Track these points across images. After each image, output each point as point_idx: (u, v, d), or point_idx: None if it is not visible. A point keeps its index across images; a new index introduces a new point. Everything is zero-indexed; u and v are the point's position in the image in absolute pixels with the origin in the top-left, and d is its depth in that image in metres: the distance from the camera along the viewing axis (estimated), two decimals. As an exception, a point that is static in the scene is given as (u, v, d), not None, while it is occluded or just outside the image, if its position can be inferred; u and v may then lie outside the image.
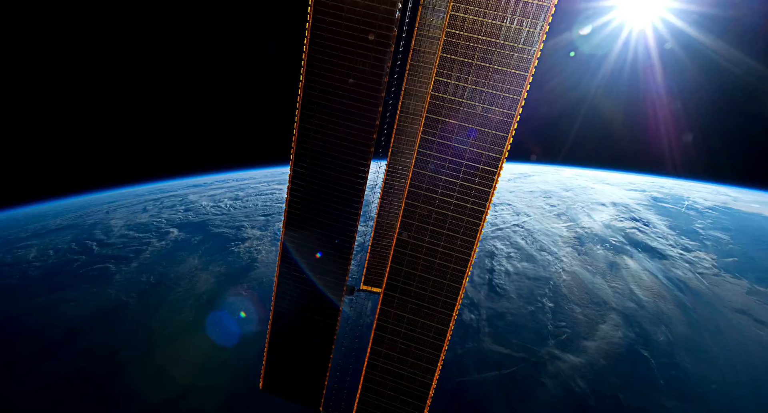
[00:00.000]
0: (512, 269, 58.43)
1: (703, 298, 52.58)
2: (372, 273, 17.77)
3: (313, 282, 14.58)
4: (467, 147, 11.27)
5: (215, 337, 46.40)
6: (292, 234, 14.20)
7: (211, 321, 49.10)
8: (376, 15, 11.28)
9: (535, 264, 59.86)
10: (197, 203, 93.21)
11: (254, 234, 73.47)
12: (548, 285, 54.93)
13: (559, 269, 58.55)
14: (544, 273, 57.44)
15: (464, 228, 11.90)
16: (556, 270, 58.22)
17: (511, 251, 63.13)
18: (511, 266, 59.13)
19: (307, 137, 12.96)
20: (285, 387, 16.38)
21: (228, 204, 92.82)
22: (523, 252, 62.87)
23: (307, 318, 15.13)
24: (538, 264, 59.86)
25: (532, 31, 10.15)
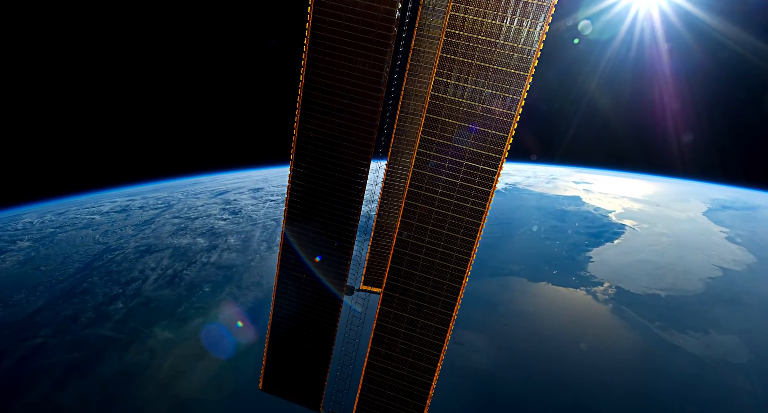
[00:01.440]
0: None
1: None
2: (372, 273, 17.76)
3: (315, 281, 14.58)
4: (467, 147, 11.27)
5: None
6: (291, 234, 14.20)
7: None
8: (376, 15, 11.27)
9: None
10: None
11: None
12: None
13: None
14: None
15: (464, 228, 11.90)
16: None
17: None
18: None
19: (307, 137, 12.96)
20: (285, 387, 16.38)
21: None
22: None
23: (307, 318, 15.13)
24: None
25: (532, 31, 10.15)
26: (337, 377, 15.58)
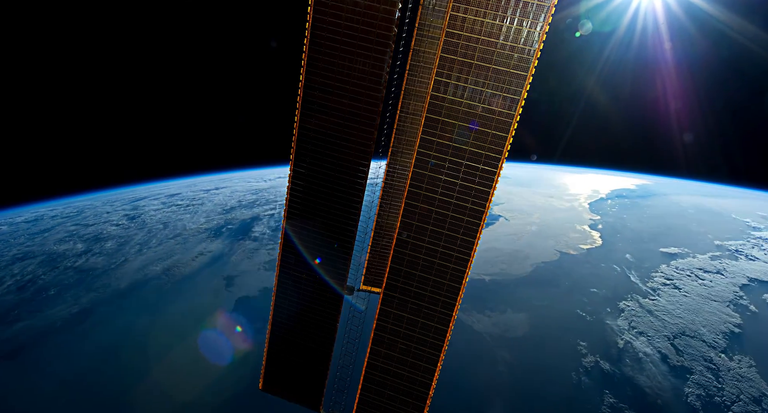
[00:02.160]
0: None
1: None
2: (372, 273, 17.76)
3: (314, 281, 14.58)
4: (467, 147, 11.27)
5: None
6: (291, 234, 14.20)
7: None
8: (376, 15, 11.27)
9: None
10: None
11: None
12: None
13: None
14: None
15: (464, 228, 11.90)
16: None
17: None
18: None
19: (307, 137, 12.96)
20: (285, 388, 16.38)
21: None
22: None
23: (307, 318, 15.13)
24: None
25: (532, 31, 10.15)
26: (337, 377, 15.58)
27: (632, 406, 40.98)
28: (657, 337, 50.23)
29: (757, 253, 68.95)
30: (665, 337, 50.07)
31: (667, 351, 47.97)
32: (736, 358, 46.69)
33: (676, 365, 46.21)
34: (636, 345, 49.06)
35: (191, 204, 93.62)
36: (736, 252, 69.50)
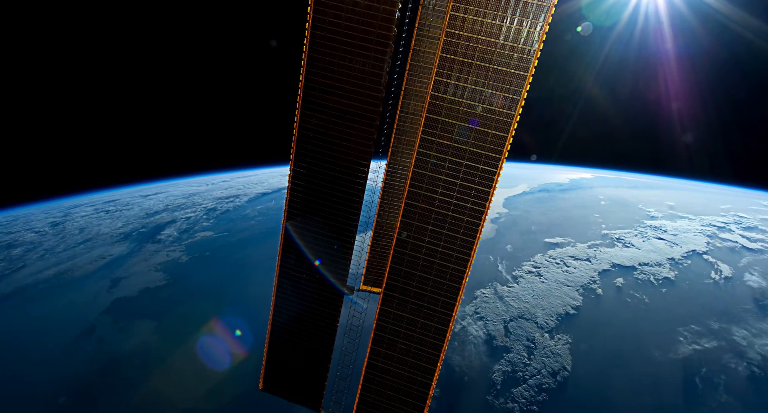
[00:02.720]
0: None
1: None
2: (372, 273, 17.76)
3: (314, 281, 14.58)
4: (467, 147, 11.27)
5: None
6: (291, 234, 14.20)
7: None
8: (376, 15, 11.28)
9: None
10: None
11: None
12: None
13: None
14: None
15: (464, 228, 11.90)
16: None
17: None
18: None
19: (307, 137, 12.96)
20: (285, 388, 16.38)
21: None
22: None
23: (307, 319, 15.12)
24: None
25: (532, 31, 10.15)
26: (337, 377, 15.58)
27: (438, 384, 40.63)
28: (494, 321, 52.35)
29: (635, 241, 71.56)
30: (502, 321, 52.38)
31: (497, 333, 50.07)
32: (557, 337, 49.32)
33: (499, 345, 48.49)
34: (470, 329, 50.99)
35: (120, 209, 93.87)
36: (617, 240, 72.03)
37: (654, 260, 65.62)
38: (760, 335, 50.34)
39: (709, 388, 43.90)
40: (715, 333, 50.82)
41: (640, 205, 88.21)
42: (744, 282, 60.72)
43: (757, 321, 52.85)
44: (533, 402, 41.96)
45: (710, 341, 49.69)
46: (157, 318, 53.97)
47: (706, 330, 51.33)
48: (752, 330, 51.08)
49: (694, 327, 51.71)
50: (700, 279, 61.92)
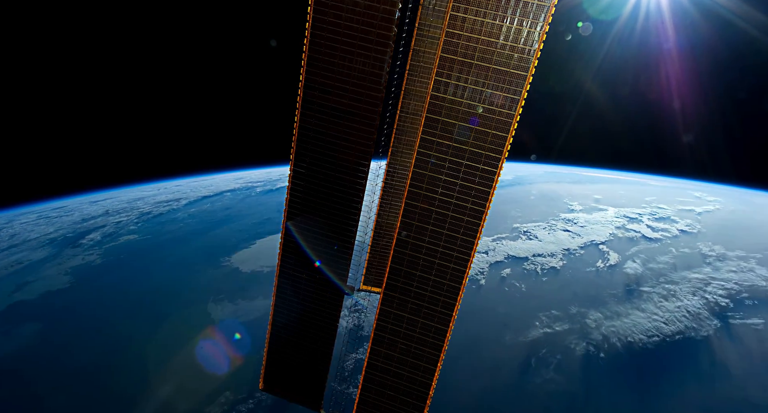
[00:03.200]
0: None
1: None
2: (372, 273, 17.77)
3: (314, 281, 14.57)
4: (467, 147, 11.27)
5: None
6: (291, 234, 14.20)
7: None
8: (376, 15, 11.27)
9: None
10: None
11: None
12: None
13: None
14: None
15: (464, 228, 11.89)
16: None
17: None
18: None
19: (307, 137, 12.96)
20: (285, 388, 16.38)
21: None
22: None
23: (307, 319, 15.12)
24: None
25: (532, 31, 10.14)
26: (337, 377, 15.57)
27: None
28: (368, 313, 52.15)
29: (540, 233, 73.59)
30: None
31: (366, 324, 49.83)
32: None
33: (364, 335, 48.27)
34: (342, 321, 51.26)
35: (62, 215, 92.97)
36: (523, 233, 74.03)
37: (550, 251, 67.94)
38: (612, 317, 53.54)
39: (541, 367, 46.51)
40: (570, 318, 53.49)
41: (565, 199, 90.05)
42: (623, 270, 63.67)
43: (617, 304, 56.01)
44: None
45: (563, 324, 52.26)
46: (44, 320, 54.30)
47: (563, 315, 53.72)
48: (606, 314, 54.13)
49: (555, 312, 54.03)
50: (584, 267, 64.70)
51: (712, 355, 48.60)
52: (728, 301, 56.85)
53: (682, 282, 60.95)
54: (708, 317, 53.95)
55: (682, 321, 52.94)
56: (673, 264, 65.48)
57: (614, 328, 51.56)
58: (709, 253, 68.48)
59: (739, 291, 59.55)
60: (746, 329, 52.37)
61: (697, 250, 68.93)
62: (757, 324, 53.04)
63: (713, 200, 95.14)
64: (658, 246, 70.51)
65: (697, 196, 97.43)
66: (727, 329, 52.12)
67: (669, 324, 52.50)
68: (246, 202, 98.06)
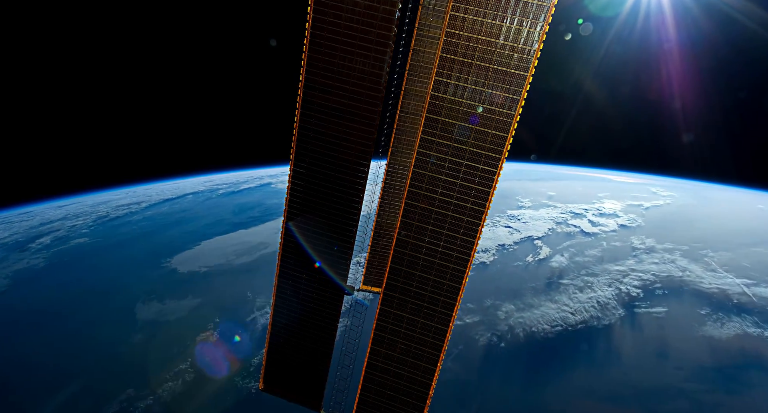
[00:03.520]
0: None
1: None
2: (372, 273, 17.77)
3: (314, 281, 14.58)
4: (467, 147, 11.27)
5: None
6: (291, 235, 14.20)
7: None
8: (375, 15, 11.28)
9: None
10: None
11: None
12: None
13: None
14: None
15: (464, 228, 11.90)
16: None
17: None
18: None
19: (307, 137, 12.96)
20: (285, 388, 16.38)
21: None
22: None
23: (307, 319, 15.13)
24: None
25: (532, 31, 10.15)
26: (337, 377, 15.58)
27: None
28: None
29: None
30: None
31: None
32: None
33: None
34: None
35: (22, 221, 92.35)
36: None
37: (484, 247, 69.04)
38: (523, 309, 55.04)
39: (438, 358, 47.92)
40: (483, 310, 54.64)
41: (518, 196, 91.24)
42: (549, 263, 65.15)
43: (533, 296, 57.47)
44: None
45: (474, 317, 53.64)
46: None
47: (477, 307, 54.86)
48: (520, 306, 55.73)
49: (470, 305, 54.99)
50: (513, 262, 66.02)
51: (608, 342, 51.00)
52: (640, 292, 59.12)
53: (602, 275, 62.96)
54: (615, 307, 56.19)
55: (589, 311, 54.67)
56: (600, 257, 67.46)
57: (522, 319, 53.54)
58: (639, 246, 69.98)
59: (653, 281, 61.40)
60: (648, 317, 54.75)
61: (628, 244, 71.02)
62: (659, 313, 55.36)
63: (667, 195, 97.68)
64: (591, 240, 72.25)
65: (653, 191, 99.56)
66: (631, 318, 54.52)
67: (576, 314, 54.34)
68: (205, 204, 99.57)
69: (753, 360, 48.24)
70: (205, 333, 51.92)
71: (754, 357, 48.50)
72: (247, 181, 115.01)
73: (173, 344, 50.17)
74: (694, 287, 60.43)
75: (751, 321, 53.51)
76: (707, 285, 60.75)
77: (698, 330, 52.23)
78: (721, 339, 50.80)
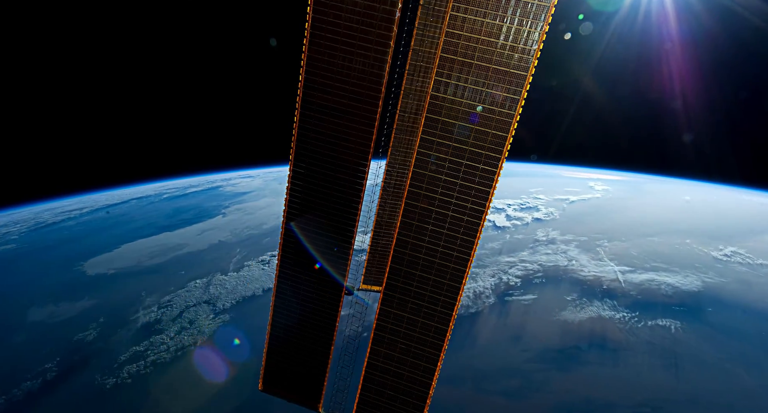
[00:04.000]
0: None
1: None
2: (371, 272, 17.78)
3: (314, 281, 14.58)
4: (467, 147, 11.29)
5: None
6: (290, 234, 14.20)
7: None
8: (375, 15, 11.28)
9: None
10: None
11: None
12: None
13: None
14: None
15: (464, 227, 11.92)
16: None
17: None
18: None
19: (306, 137, 12.95)
20: (284, 388, 16.37)
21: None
22: None
23: (307, 318, 15.12)
24: None
25: (532, 31, 10.17)
26: (337, 377, 15.58)
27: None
28: (174, 307, 58.48)
29: None
30: (184, 306, 58.68)
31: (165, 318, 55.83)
32: (219, 318, 56.90)
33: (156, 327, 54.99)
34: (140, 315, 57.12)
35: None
36: None
37: None
38: None
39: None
40: (348, 303, 55.78)
41: None
42: None
43: None
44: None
45: (346, 310, 55.04)
46: None
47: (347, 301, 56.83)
48: None
49: None
50: None
51: (469, 329, 53.36)
52: (519, 281, 61.97)
53: (490, 266, 65.31)
54: (488, 296, 58.76)
55: (462, 301, 57.44)
56: (499, 249, 70.02)
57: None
58: (541, 238, 72.16)
59: (536, 271, 63.86)
60: (516, 304, 57.88)
61: (531, 236, 73.75)
62: (527, 300, 58.31)
63: (602, 189, 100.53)
64: (497, 233, 74.55)
65: (590, 185, 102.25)
66: (500, 306, 57.48)
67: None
68: (145, 209, 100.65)
69: (597, 340, 51.61)
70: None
71: (598, 338, 51.92)
72: (199, 184, 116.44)
73: (47, 344, 51.34)
74: (572, 275, 63.47)
75: (609, 306, 57.12)
76: (586, 273, 64.03)
77: (556, 315, 55.25)
78: (573, 323, 53.84)
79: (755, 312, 56.73)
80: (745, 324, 54.27)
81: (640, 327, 53.50)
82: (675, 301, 58.23)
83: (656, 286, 61.29)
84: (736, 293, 60.63)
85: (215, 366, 48.07)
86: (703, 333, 52.65)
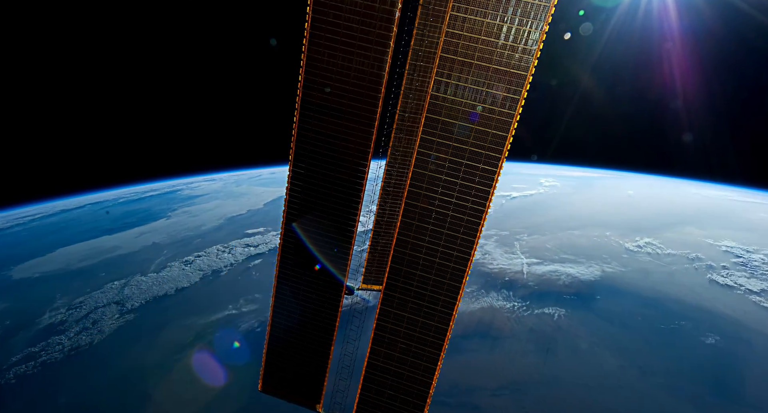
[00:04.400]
0: None
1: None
2: (371, 272, 17.78)
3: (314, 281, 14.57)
4: (467, 146, 11.29)
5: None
6: (290, 235, 14.19)
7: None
8: (375, 14, 11.27)
9: None
10: None
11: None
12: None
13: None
14: None
15: (464, 227, 11.93)
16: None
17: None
18: None
19: (306, 137, 12.94)
20: (284, 388, 16.37)
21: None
22: None
23: (306, 318, 15.12)
24: None
25: (533, 31, 10.17)
26: (336, 377, 15.58)
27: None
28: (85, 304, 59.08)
29: None
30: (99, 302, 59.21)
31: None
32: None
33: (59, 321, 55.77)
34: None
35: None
36: None
37: None
38: None
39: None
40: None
41: None
42: None
43: None
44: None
45: (252, 306, 57.42)
46: None
47: (265, 297, 56.72)
48: None
49: (257, 295, 59.40)
50: None
51: (359, 322, 52.74)
52: None
53: None
54: None
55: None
56: None
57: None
58: None
59: None
60: None
61: None
62: None
63: (550, 185, 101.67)
64: None
65: (540, 181, 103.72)
66: None
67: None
68: (98, 214, 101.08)
69: (483, 329, 52.24)
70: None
71: (484, 327, 52.60)
72: (159, 188, 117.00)
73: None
74: (480, 268, 64.47)
75: (503, 296, 58.37)
76: (493, 266, 65.41)
77: (449, 306, 56.49)
78: (464, 313, 54.43)
79: (642, 298, 58.15)
80: (628, 310, 55.63)
81: (526, 316, 54.82)
82: (571, 291, 59.66)
83: (556, 277, 62.78)
84: (632, 281, 62.12)
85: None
86: (584, 320, 54.04)
